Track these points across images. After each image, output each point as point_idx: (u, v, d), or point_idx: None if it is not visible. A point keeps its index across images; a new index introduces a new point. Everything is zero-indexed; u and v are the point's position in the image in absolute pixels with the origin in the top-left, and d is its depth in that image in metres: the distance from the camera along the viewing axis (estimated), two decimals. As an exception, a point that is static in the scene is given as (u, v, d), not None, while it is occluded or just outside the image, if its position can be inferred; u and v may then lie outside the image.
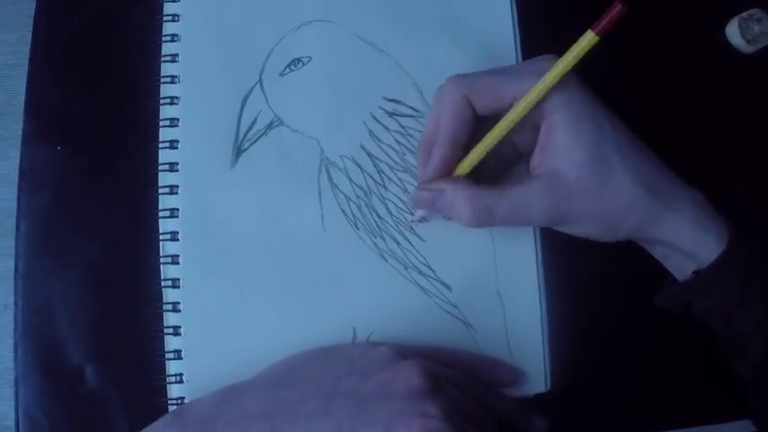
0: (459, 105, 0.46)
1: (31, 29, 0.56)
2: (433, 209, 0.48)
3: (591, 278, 0.51)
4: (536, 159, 0.47)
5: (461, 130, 0.47)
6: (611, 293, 0.52)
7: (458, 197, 0.46)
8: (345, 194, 0.52)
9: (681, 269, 0.47)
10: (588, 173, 0.44)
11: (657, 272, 0.49)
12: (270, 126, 0.53)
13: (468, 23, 0.55)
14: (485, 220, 0.46)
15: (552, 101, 0.45)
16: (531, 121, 0.46)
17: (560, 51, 0.44)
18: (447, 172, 0.48)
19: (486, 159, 0.47)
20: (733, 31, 0.56)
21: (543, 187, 0.45)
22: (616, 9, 0.42)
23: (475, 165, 0.47)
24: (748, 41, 0.55)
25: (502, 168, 0.51)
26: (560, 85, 0.44)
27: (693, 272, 0.46)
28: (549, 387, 0.50)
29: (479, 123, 0.47)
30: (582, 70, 0.45)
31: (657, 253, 0.48)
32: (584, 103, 0.45)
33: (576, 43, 0.43)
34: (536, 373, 0.50)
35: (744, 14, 0.56)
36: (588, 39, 0.43)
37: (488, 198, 0.46)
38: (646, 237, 0.46)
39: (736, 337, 0.46)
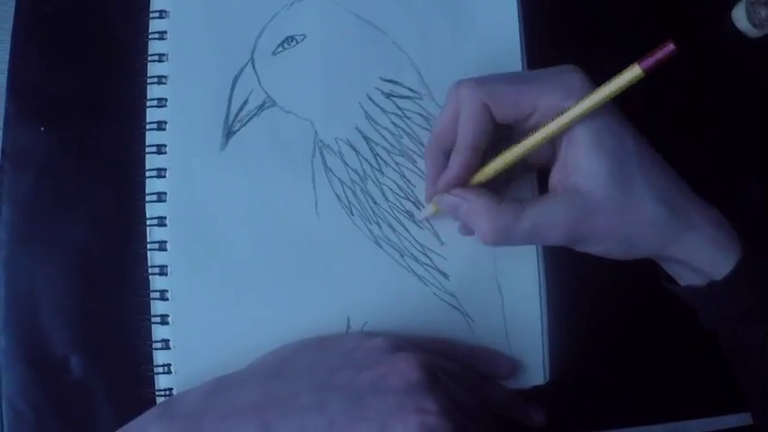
0: (479, 113, 0.44)
1: (14, 4, 0.54)
2: (454, 215, 0.47)
3: (592, 268, 0.50)
4: (556, 176, 0.46)
5: (482, 137, 0.45)
6: (613, 284, 0.51)
7: (479, 210, 0.45)
8: (340, 179, 0.50)
9: (692, 283, 0.46)
10: (610, 192, 0.43)
11: (659, 266, 0.48)
12: (262, 107, 0.51)
13: (470, 2, 0.53)
14: (502, 239, 0.44)
15: None
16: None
17: (565, 34, 0.43)
18: (466, 179, 0.46)
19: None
20: (740, 15, 0.55)
21: (563, 206, 0.44)
22: (668, 49, 0.40)
23: (494, 176, 0.46)
24: (755, 26, 0.54)
25: (508, 177, 0.50)
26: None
27: (708, 283, 0.44)
28: (547, 379, 0.50)
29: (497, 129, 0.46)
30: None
31: (672, 270, 0.47)
32: (606, 119, 0.43)
33: (620, 75, 0.41)
34: (535, 365, 0.50)
35: (751, -3, 0.55)
36: (634, 74, 0.41)
37: (507, 216, 0.44)
38: (663, 255, 0.45)
39: (740, 348, 0.45)
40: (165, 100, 0.51)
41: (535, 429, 0.49)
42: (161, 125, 0.51)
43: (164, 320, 0.49)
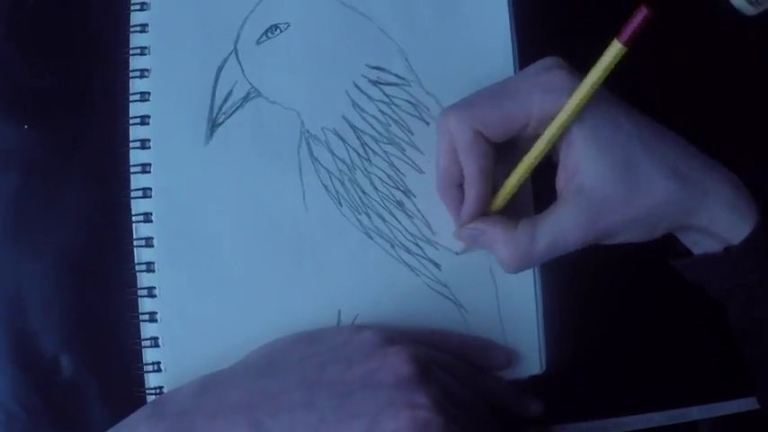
0: (474, 141, 0.44)
1: (-6, 0, 0.53)
2: (477, 247, 0.48)
3: (587, 255, 0.49)
4: (561, 180, 0.45)
5: (485, 163, 0.44)
6: (609, 270, 0.50)
7: (496, 240, 0.45)
8: (327, 169, 0.50)
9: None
10: (617, 183, 0.42)
11: (656, 248, 0.47)
12: (246, 98, 0.50)
13: (457, -16, 0.52)
14: (524, 265, 0.45)
15: None
16: None
17: (554, 18, 0.42)
18: (483, 206, 0.46)
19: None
20: (735, -7, 0.54)
21: (574, 211, 0.43)
22: (641, 15, 0.38)
23: (509, 197, 0.46)
24: (751, 3, 0.53)
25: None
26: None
27: (725, 248, 0.44)
28: (544, 369, 0.49)
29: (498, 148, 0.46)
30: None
31: (689, 239, 0.46)
32: (599, 108, 0.43)
33: (602, 57, 0.40)
34: (531, 355, 0.49)
35: (746, -26, 0.53)
36: (615, 51, 0.40)
37: (523, 241, 0.44)
38: (683, 226, 0.44)
39: (753, 321, 0.45)
40: (149, 94, 0.50)
41: (532, 419, 0.49)
42: (144, 120, 0.50)
43: (152, 318, 0.48)
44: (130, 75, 0.51)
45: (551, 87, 0.42)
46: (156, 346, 0.48)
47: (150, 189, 0.49)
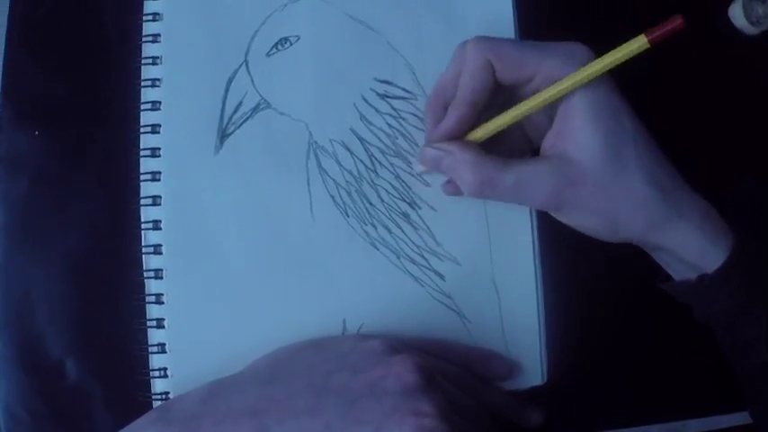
0: (481, 69, 0.44)
1: (7, 8, 0.54)
2: (437, 169, 0.47)
3: (589, 267, 0.50)
4: (548, 142, 0.45)
5: (481, 93, 0.45)
6: (610, 283, 0.51)
7: (464, 162, 0.45)
8: (335, 180, 0.50)
9: (683, 276, 0.46)
10: (601, 163, 0.43)
11: (655, 265, 0.48)
12: (256, 109, 0.51)
13: (465, 2, 0.53)
14: (485, 190, 0.44)
15: None
16: (549, 105, 0.44)
17: (559, 31, 0.43)
18: (459, 134, 0.46)
19: (497, 140, 0.46)
20: (736, 12, 0.55)
21: (550, 168, 0.44)
22: (676, 22, 0.40)
23: (489, 136, 0.46)
24: (752, 23, 0.54)
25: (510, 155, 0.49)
26: None
27: (699, 276, 0.44)
28: (545, 380, 0.50)
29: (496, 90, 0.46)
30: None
31: (660, 259, 0.47)
32: (607, 93, 0.43)
33: (626, 44, 0.42)
34: (532, 366, 0.49)
35: (747, -5, 0.54)
36: (639, 44, 0.41)
37: (493, 169, 0.44)
38: (650, 242, 0.45)
39: (735, 344, 0.45)
40: (159, 103, 0.51)
41: (533, 430, 0.49)
42: (155, 128, 0.50)
43: (159, 324, 0.49)
44: (142, 84, 0.51)
45: (569, 55, 0.43)
46: (163, 352, 0.48)
47: (160, 197, 0.50)
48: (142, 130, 0.51)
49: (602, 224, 0.44)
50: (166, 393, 0.48)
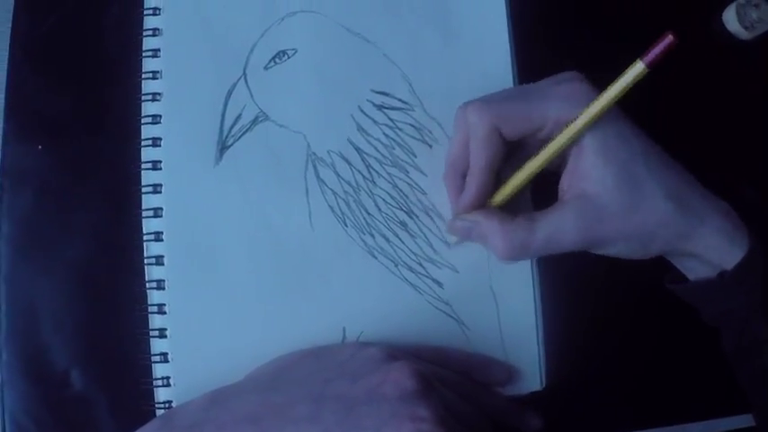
0: (489, 135, 0.45)
1: (10, 25, 0.54)
2: (468, 239, 0.48)
3: (587, 273, 0.50)
4: (565, 183, 0.46)
5: (495, 158, 0.46)
6: (609, 289, 0.51)
7: (492, 231, 0.45)
8: (333, 190, 0.51)
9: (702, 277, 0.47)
10: (619, 194, 0.44)
11: (655, 266, 0.48)
12: (255, 121, 0.52)
13: (460, 13, 0.53)
14: (519, 255, 0.45)
15: None
16: None
17: (554, 43, 0.43)
18: (483, 199, 0.47)
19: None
20: (730, 17, 0.55)
21: (574, 213, 0.44)
22: (667, 41, 0.40)
23: (509, 198, 0.47)
24: (746, 28, 0.54)
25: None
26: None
27: (719, 273, 0.45)
28: (544, 385, 0.50)
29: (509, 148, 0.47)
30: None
31: (684, 265, 0.47)
32: (611, 122, 0.44)
33: (624, 75, 0.42)
34: (531, 371, 0.50)
35: (741, 0, 0.54)
36: (637, 71, 0.41)
37: (521, 233, 0.45)
38: (676, 250, 0.46)
39: (747, 343, 0.45)
40: (160, 116, 0.51)
41: (532, 435, 0.49)
42: (156, 141, 0.51)
43: (162, 334, 0.49)
44: (142, 98, 0.52)
45: (571, 96, 0.44)
46: (166, 361, 0.49)
47: (161, 209, 0.50)
48: (143, 143, 0.51)
49: (633, 248, 0.45)
50: (169, 402, 0.49)
